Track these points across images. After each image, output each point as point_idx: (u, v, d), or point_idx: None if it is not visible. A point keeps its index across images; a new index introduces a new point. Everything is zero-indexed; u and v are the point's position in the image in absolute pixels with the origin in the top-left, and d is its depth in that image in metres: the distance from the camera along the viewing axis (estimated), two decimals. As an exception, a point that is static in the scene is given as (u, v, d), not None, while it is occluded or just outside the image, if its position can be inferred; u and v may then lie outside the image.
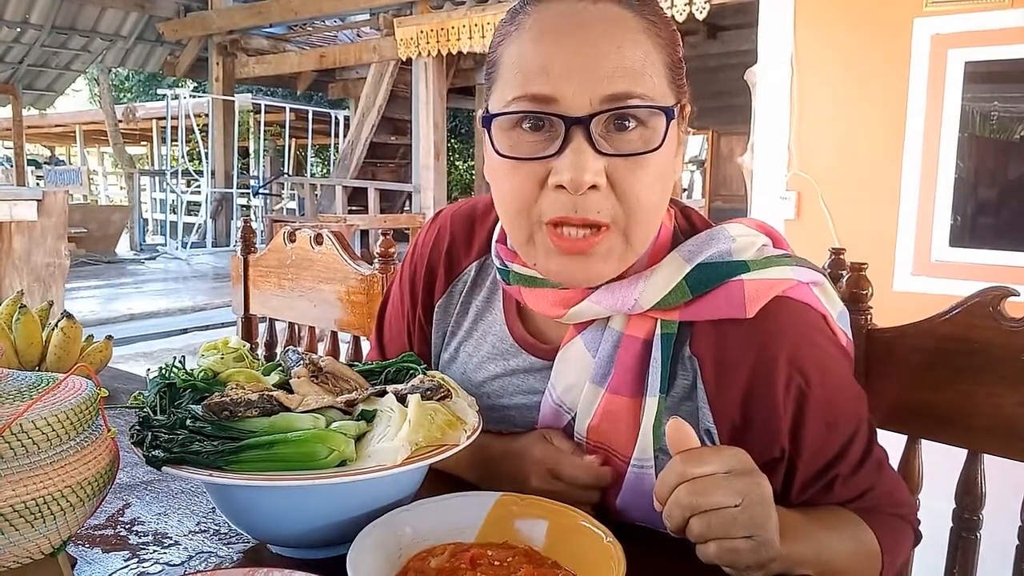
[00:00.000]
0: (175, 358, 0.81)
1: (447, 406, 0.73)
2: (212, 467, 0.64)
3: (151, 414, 0.71)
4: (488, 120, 0.72)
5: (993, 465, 0.92)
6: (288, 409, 0.69)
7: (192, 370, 0.79)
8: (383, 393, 0.74)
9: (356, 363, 0.87)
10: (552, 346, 0.82)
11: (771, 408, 0.73)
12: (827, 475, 0.75)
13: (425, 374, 0.79)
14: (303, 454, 0.64)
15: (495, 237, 0.86)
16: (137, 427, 0.69)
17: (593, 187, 0.67)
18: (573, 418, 0.80)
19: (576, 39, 0.67)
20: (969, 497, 0.94)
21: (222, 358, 0.83)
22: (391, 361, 0.86)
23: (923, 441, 0.98)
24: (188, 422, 0.68)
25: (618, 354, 0.76)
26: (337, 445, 0.65)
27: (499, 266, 0.84)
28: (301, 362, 0.80)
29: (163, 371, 0.78)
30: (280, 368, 0.82)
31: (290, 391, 0.75)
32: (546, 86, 0.67)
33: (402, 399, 0.72)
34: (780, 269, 0.74)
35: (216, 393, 0.71)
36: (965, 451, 0.94)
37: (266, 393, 0.70)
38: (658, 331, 0.75)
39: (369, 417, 0.71)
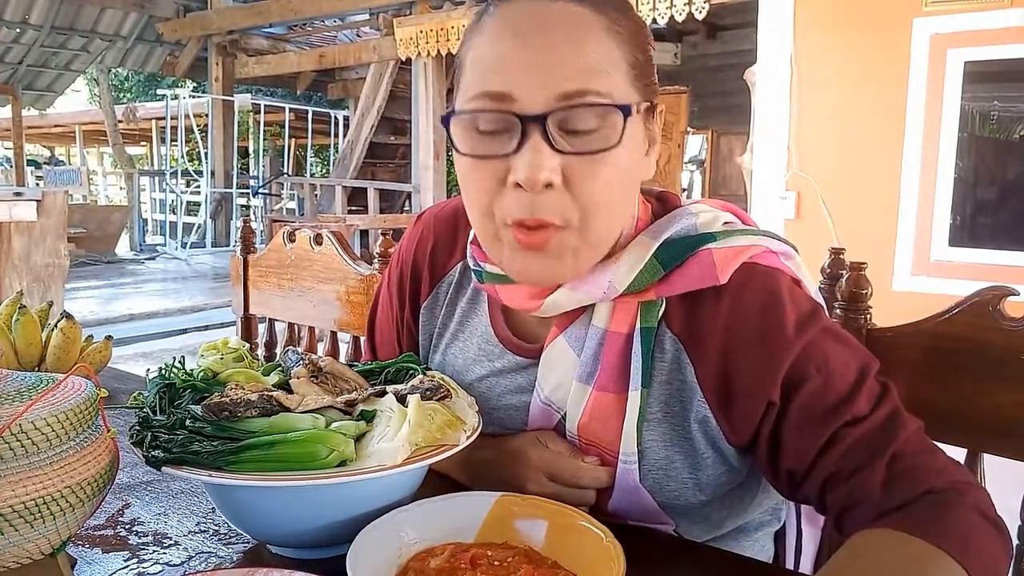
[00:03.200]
0: (174, 358, 0.81)
1: (447, 406, 0.73)
2: (212, 467, 0.64)
3: (150, 414, 0.71)
4: (447, 119, 0.72)
5: (993, 465, 0.92)
6: (288, 409, 0.69)
7: (191, 370, 0.79)
8: (383, 393, 0.74)
9: (356, 363, 0.87)
10: (537, 345, 0.82)
11: (752, 366, 0.71)
12: (831, 423, 0.69)
13: (424, 374, 0.79)
14: (303, 454, 0.64)
15: (470, 238, 0.86)
16: (137, 427, 0.69)
17: (549, 185, 0.67)
18: (563, 417, 0.79)
19: (534, 38, 0.67)
20: (969, 497, 0.94)
21: (221, 358, 0.83)
22: (391, 361, 0.86)
23: (923, 441, 0.98)
24: (188, 422, 0.68)
25: (603, 351, 0.76)
26: (337, 445, 0.65)
27: (473, 267, 0.84)
28: (301, 362, 0.80)
29: (162, 371, 0.78)
30: (280, 368, 0.82)
31: (290, 391, 0.75)
32: (502, 84, 0.67)
33: (402, 399, 0.72)
34: (747, 238, 0.75)
35: (216, 393, 0.70)
36: (965, 451, 0.94)
37: (266, 393, 0.70)
38: (638, 326, 0.75)
39: (369, 417, 0.71)
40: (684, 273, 0.73)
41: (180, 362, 0.80)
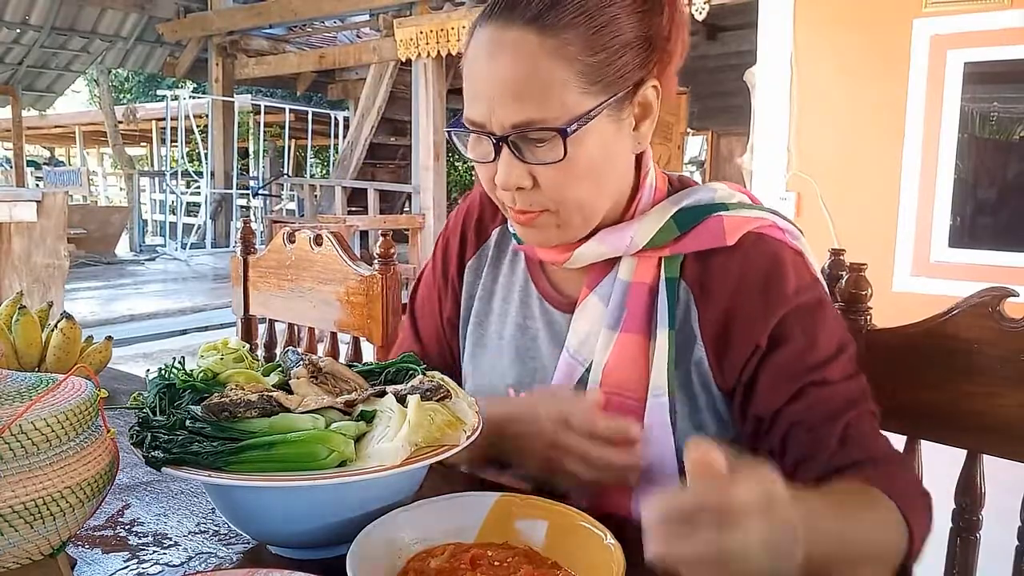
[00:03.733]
0: (174, 359, 0.81)
1: (447, 406, 0.73)
2: (212, 468, 0.64)
3: (150, 415, 0.71)
4: (448, 133, 0.86)
5: (993, 465, 0.92)
6: (288, 410, 0.69)
7: (191, 371, 0.79)
8: (382, 394, 0.74)
9: (356, 364, 0.87)
10: (570, 299, 0.91)
11: (749, 314, 0.81)
12: (801, 379, 0.79)
13: (425, 374, 0.79)
14: (303, 455, 0.64)
15: None
16: (137, 428, 0.69)
17: (520, 188, 0.80)
18: (587, 369, 0.87)
19: (490, 68, 0.77)
20: (968, 497, 0.94)
21: (221, 359, 0.83)
22: (391, 361, 0.86)
23: (923, 441, 0.98)
24: (188, 423, 0.68)
25: (628, 300, 0.86)
26: (337, 446, 0.65)
27: (513, 233, 0.96)
28: (301, 363, 0.80)
29: (163, 372, 0.78)
30: (280, 369, 0.82)
31: (290, 392, 0.75)
32: (474, 112, 0.79)
33: (402, 400, 0.72)
34: (757, 212, 0.86)
35: (216, 394, 0.70)
36: (965, 451, 0.94)
37: (266, 394, 0.70)
38: (662, 276, 0.85)
39: (369, 418, 0.71)
40: (697, 234, 0.84)
41: (180, 363, 0.80)
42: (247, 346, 0.87)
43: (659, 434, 0.83)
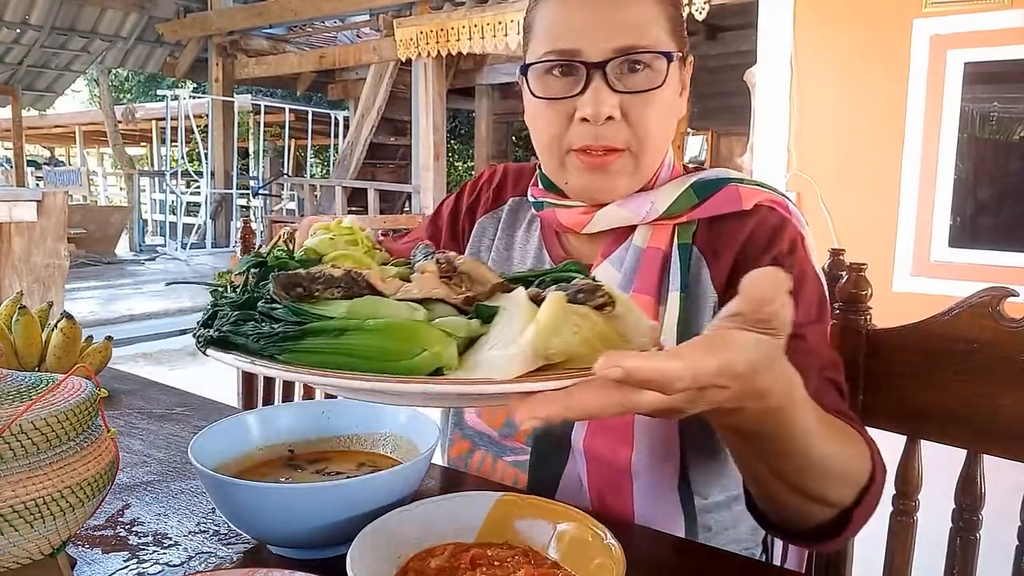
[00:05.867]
0: (284, 235, 0.72)
1: (607, 317, 0.53)
2: (260, 355, 0.52)
3: (228, 292, 0.60)
4: (525, 69, 0.88)
5: (993, 465, 0.92)
6: (380, 294, 0.54)
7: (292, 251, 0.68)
8: (510, 289, 0.57)
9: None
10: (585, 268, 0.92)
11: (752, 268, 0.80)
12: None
13: (588, 278, 0.60)
14: (383, 350, 0.49)
15: (532, 182, 1.02)
16: (208, 306, 0.60)
17: (610, 118, 0.83)
18: None
19: (592, 3, 0.82)
20: (969, 497, 0.94)
21: (332, 239, 0.68)
22: (550, 268, 0.72)
23: (923, 441, 0.98)
24: (261, 303, 0.56)
25: (640, 264, 0.89)
26: (431, 343, 0.49)
27: (533, 201, 0.99)
28: (431, 256, 0.64)
29: (258, 250, 0.69)
30: (408, 264, 0.66)
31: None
32: (570, 41, 0.83)
33: (537, 301, 0.54)
34: (770, 191, 0.90)
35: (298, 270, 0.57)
36: (965, 451, 0.94)
37: (355, 272, 0.55)
38: (675, 241, 0.89)
39: (487, 316, 0.54)
40: (712, 202, 0.88)
41: (287, 241, 0.70)
42: (366, 229, 0.73)
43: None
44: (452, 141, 14.13)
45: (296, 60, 10.65)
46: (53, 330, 1.20)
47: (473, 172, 12.43)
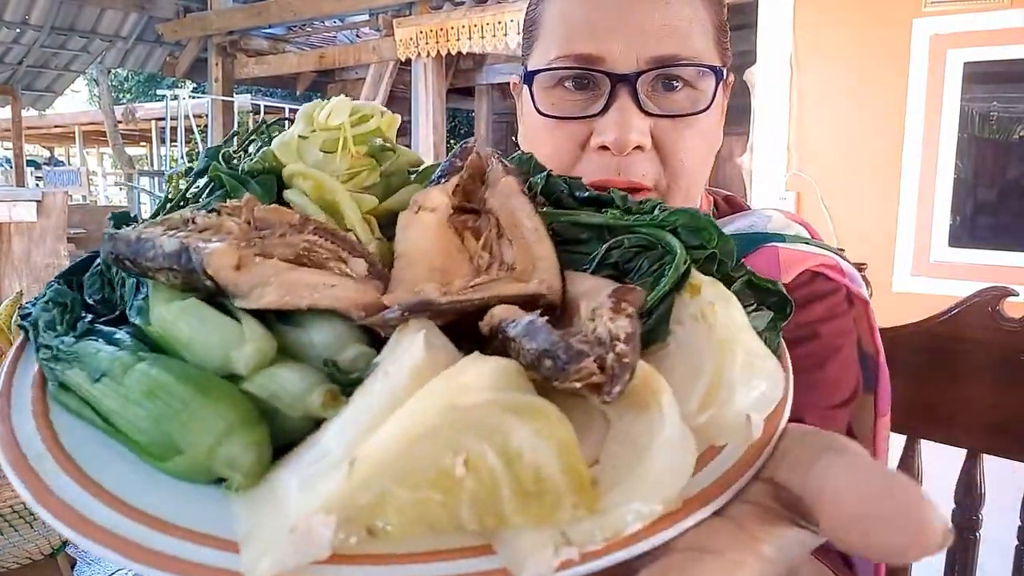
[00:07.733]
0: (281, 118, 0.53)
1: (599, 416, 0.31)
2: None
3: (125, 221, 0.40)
4: (530, 77, 0.68)
5: (993, 465, 0.92)
6: (224, 296, 0.32)
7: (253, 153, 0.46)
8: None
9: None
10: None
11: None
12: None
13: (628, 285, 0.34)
14: (142, 433, 0.29)
15: None
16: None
17: (638, 148, 0.63)
18: None
19: None
20: (969, 497, 0.94)
21: (310, 135, 0.45)
22: (638, 219, 0.43)
23: (923, 441, 0.98)
24: (99, 265, 0.38)
25: None
26: (200, 433, 0.28)
27: None
28: (446, 178, 0.41)
29: (233, 135, 0.51)
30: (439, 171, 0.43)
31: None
32: (591, 45, 0.63)
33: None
34: (817, 248, 0.71)
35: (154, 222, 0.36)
36: (965, 451, 0.94)
37: (197, 246, 0.31)
38: None
39: (348, 384, 0.32)
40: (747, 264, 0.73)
41: (284, 124, 0.49)
42: (390, 119, 0.48)
43: None
44: (452, 141, 14.12)
45: (296, 60, 10.66)
46: (53, 330, 1.20)
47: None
